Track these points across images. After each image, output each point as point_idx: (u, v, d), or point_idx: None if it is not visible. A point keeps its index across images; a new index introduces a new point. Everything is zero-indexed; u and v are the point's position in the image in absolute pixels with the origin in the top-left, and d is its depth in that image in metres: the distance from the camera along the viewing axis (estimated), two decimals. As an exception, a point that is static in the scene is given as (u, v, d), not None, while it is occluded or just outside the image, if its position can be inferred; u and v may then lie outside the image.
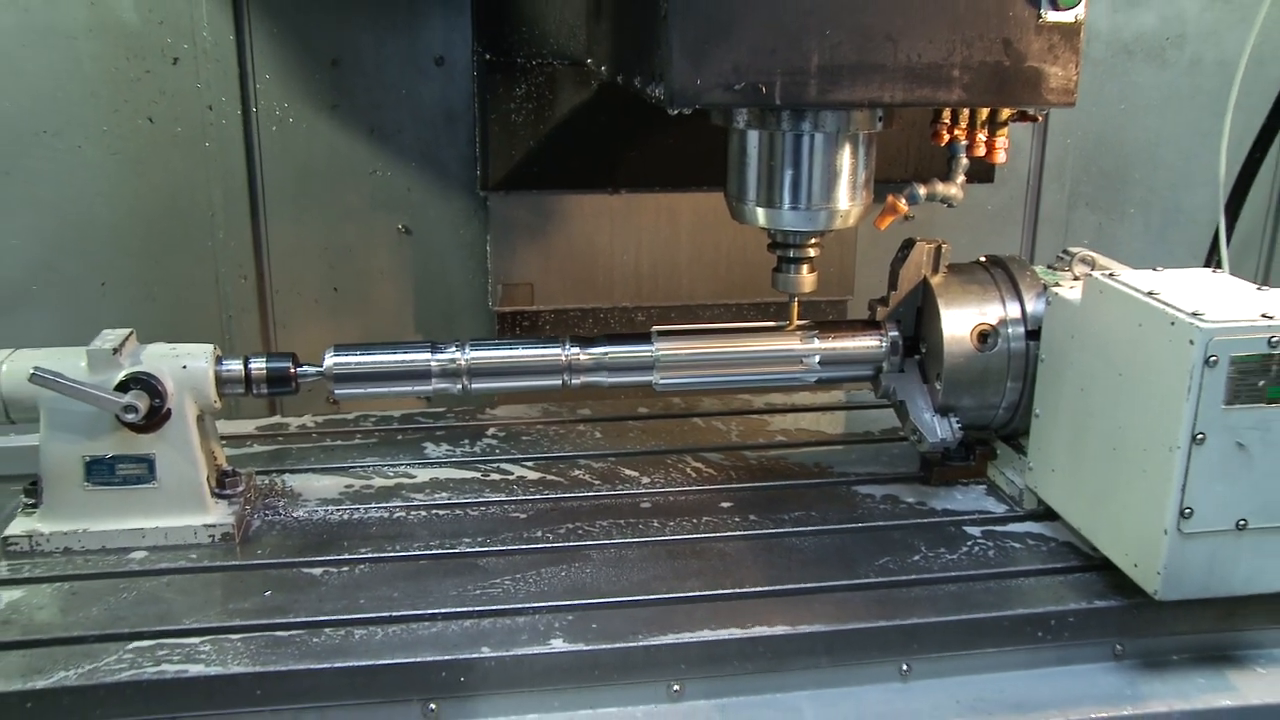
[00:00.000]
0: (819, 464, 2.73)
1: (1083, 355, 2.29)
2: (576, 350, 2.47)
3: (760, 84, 2.08)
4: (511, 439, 2.86)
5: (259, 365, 2.42)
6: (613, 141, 3.03)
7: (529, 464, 2.73)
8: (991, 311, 2.47)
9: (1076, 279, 2.43)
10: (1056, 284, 2.42)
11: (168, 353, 2.38)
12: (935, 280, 2.51)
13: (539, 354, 2.47)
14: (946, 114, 2.49)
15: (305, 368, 2.45)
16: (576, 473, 2.69)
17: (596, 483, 2.65)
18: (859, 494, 2.60)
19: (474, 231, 3.18)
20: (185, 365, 2.37)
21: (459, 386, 2.45)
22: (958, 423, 2.50)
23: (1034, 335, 2.45)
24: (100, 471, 2.34)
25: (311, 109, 3.05)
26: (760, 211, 2.40)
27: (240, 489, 2.47)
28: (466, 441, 2.84)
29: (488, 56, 2.93)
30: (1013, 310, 2.47)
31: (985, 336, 2.45)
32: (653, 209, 3.16)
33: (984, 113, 2.47)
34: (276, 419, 3.00)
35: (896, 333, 2.55)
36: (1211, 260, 3.12)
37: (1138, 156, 3.47)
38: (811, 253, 2.47)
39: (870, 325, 2.58)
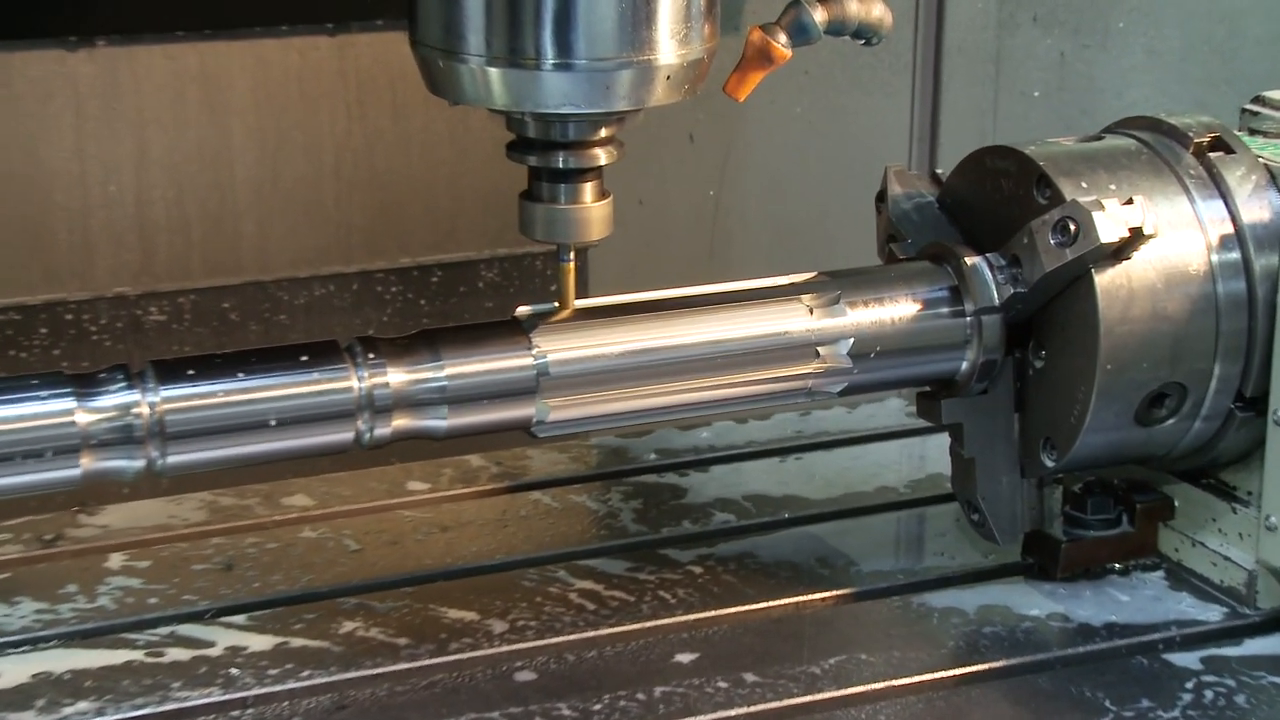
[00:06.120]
0: (827, 561, 1.47)
1: None
2: (384, 368, 1.14)
3: None
4: (173, 569, 1.44)
5: None
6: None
7: (272, 627, 1.35)
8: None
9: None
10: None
11: None
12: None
13: (310, 383, 1.14)
14: None
15: None
16: (381, 634, 1.34)
17: (452, 641, 1.32)
18: (934, 610, 1.41)
19: None
20: None
21: (139, 464, 1.12)
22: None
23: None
24: None
25: None
26: (494, 75, 1.23)
27: None
28: (74, 589, 1.41)
29: None
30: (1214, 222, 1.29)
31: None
32: (170, 80, 1.89)
33: None
34: None
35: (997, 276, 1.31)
36: None
37: None
38: (601, 158, 1.31)
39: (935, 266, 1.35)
